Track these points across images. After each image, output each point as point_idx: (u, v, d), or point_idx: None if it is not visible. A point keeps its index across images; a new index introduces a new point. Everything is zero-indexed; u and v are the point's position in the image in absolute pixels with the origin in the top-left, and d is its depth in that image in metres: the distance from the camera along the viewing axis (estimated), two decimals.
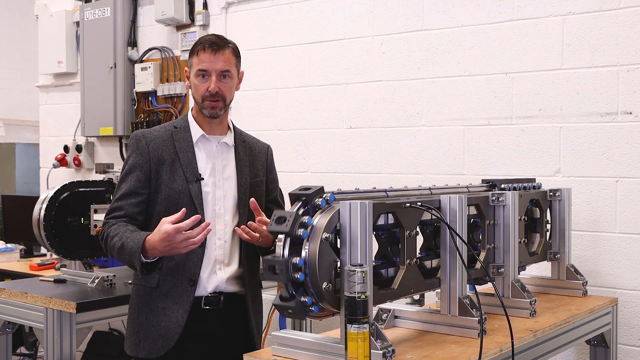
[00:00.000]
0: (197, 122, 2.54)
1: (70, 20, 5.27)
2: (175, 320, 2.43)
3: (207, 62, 2.45)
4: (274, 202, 2.71)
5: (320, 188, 1.88)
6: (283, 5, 4.21)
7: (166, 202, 2.45)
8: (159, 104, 4.84)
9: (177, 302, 2.44)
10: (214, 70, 2.45)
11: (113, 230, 2.39)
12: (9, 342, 3.43)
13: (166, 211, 2.43)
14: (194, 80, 2.49)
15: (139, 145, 2.48)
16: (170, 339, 2.42)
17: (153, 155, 2.46)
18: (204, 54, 2.45)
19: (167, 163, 2.46)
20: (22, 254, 5.06)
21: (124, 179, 2.48)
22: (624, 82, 3.11)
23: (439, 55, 3.63)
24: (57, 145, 5.35)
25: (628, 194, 3.10)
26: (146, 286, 2.48)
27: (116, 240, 2.35)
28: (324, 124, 4.05)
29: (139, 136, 2.51)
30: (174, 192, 2.45)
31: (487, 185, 2.63)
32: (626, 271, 3.11)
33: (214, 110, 2.48)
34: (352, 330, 1.70)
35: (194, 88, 2.50)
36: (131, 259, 2.31)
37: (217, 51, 2.45)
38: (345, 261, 1.84)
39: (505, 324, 2.08)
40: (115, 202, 2.47)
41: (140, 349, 2.47)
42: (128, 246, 2.31)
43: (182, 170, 2.46)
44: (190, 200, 2.45)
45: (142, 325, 2.48)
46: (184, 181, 2.46)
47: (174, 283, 2.45)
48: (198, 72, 2.46)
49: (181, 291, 2.44)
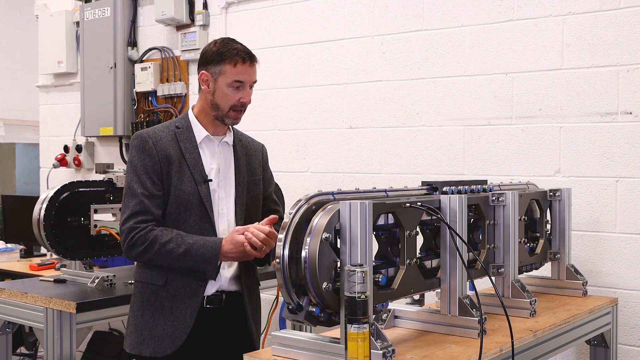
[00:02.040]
0: (201, 122, 2.54)
1: (70, 20, 5.27)
2: (183, 320, 2.42)
3: (245, 74, 2.46)
4: (269, 199, 2.73)
5: None
6: (283, 5, 4.21)
7: (176, 204, 2.44)
8: (159, 104, 4.84)
9: (185, 302, 2.43)
10: (249, 82, 2.49)
11: (159, 236, 2.37)
12: (9, 342, 3.43)
13: (176, 212, 2.44)
14: (224, 88, 2.46)
15: (146, 147, 2.44)
16: (178, 339, 2.42)
17: (162, 156, 2.44)
18: (242, 66, 2.46)
19: (175, 163, 2.44)
20: (22, 254, 5.06)
21: (139, 180, 2.42)
22: (624, 82, 3.11)
23: (439, 55, 3.63)
24: (57, 145, 5.35)
25: (628, 194, 3.10)
26: (153, 284, 2.47)
27: (173, 246, 2.36)
28: (324, 124, 4.05)
29: (144, 137, 2.46)
30: (184, 194, 2.44)
31: (427, 188, 2.36)
32: (626, 271, 3.11)
33: (237, 120, 2.52)
34: (352, 330, 1.70)
35: (223, 97, 2.46)
36: (203, 264, 2.36)
37: (252, 63, 2.49)
38: (345, 261, 1.84)
39: (505, 324, 2.08)
40: (137, 205, 2.40)
41: (144, 348, 2.46)
42: (198, 252, 2.36)
43: (189, 172, 2.45)
44: (200, 201, 2.45)
45: (146, 324, 2.46)
46: (192, 182, 2.45)
47: (183, 282, 2.44)
48: (234, 82, 2.45)
49: (190, 291, 2.44)
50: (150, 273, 2.47)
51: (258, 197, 2.63)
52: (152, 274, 2.47)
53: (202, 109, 2.54)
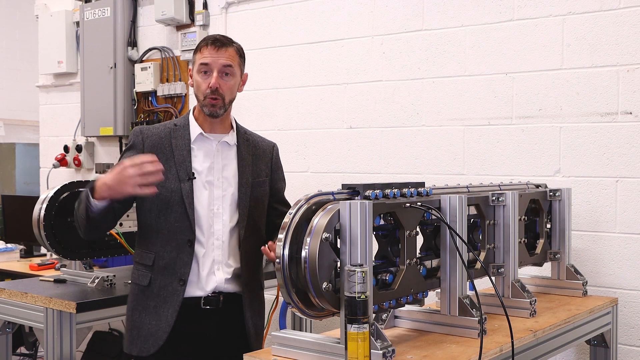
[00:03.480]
0: (197, 121, 2.54)
1: (70, 20, 5.27)
2: (165, 319, 2.43)
3: (210, 57, 2.45)
4: (281, 202, 2.71)
5: None
6: (283, 5, 4.21)
7: (157, 200, 2.44)
8: (159, 104, 4.84)
9: (167, 301, 2.44)
10: (216, 65, 2.45)
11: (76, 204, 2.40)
12: (9, 342, 3.43)
13: (157, 209, 2.44)
14: (196, 77, 2.48)
15: (136, 141, 2.49)
16: (160, 338, 2.42)
17: (148, 151, 2.43)
18: (206, 50, 2.46)
19: (162, 160, 2.41)
20: (22, 254, 5.06)
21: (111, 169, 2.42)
22: (624, 82, 3.11)
23: (439, 55, 3.63)
24: (57, 145, 5.35)
25: (628, 194, 3.10)
26: (140, 285, 2.49)
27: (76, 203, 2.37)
28: (324, 124, 4.05)
29: (137, 132, 2.51)
30: (166, 190, 2.43)
31: (348, 191, 2.05)
32: (626, 271, 3.11)
33: (214, 108, 2.47)
34: (352, 330, 1.70)
35: (196, 85, 2.48)
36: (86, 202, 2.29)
37: (220, 47, 2.46)
38: (345, 261, 1.84)
39: (505, 324, 2.08)
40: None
41: (133, 347, 2.48)
42: (83, 195, 2.32)
43: (175, 169, 2.46)
44: (181, 198, 2.44)
45: (135, 323, 2.49)
46: (176, 179, 2.45)
47: (164, 282, 2.45)
48: (200, 67, 2.46)
49: (171, 291, 2.44)
50: (138, 274, 2.51)
51: (262, 199, 2.62)
52: (139, 274, 2.49)
53: (198, 107, 2.55)
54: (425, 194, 2.16)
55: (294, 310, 1.90)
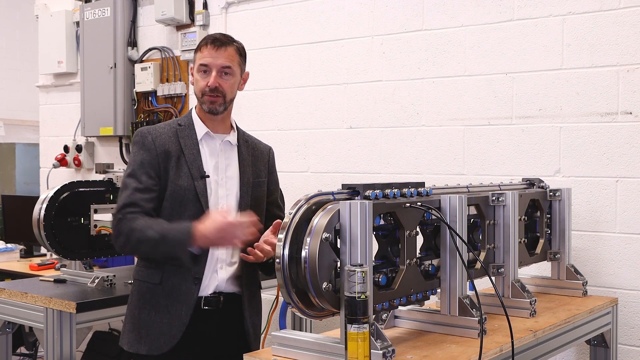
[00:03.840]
0: (201, 120, 2.55)
1: (70, 20, 5.27)
2: (178, 317, 2.42)
3: (209, 57, 2.46)
4: (274, 204, 2.71)
5: None
6: (283, 5, 4.21)
7: (171, 199, 2.44)
8: (159, 104, 4.84)
9: (180, 300, 2.43)
10: (214, 65, 2.46)
11: (141, 224, 2.33)
12: (9, 342, 3.43)
13: (171, 207, 2.43)
14: (195, 75, 2.51)
15: (145, 142, 2.47)
16: (174, 336, 2.42)
17: (160, 151, 2.45)
18: (206, 49, 2.48)
19: (173, 159, 2.45)
20: (22, 254, 5.06)
21: (133, 174, 2.42)
22: (624, 82, 3.11)
23: (439, 55, 3.63)
24: (57, 145, 5.35)
25: (628, 194, 3.10)
26: (149, 283, 2.47)
27: (152, 233, 2.31)
28: (324, 124, 4.05)
29: (144, 133, 2.49)
30: (180, 189, 2.44)
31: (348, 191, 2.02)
32: (626, 271, 3.11)
33: (213, 105, 2.48)
34: (352, 330, 1.70)
35: (195, 83, 2.51)
36: (177, 248, 2.29)
37: (219, 47, 2.47)
38: (345, 261, 1.84)
39: (505, 324, 2.08)
40: (127, 197, 2.39)
41: (141, 346, 2.46)
42: (172, 236, 2.29)
43: (187, 167, 2.46)
44: (196, 197, 2.44)
45: (143, 321, 2.47)
46: (189, 178, 2.45)
47: (178, 281, 2.44)
48: (200, 67, 2.48)
49: (185, 289, 2.43)
50: (147, 272, 2.48)
51: (262, 199, 2.63)
52: (149, 272, 2.47)
53: (199, 106, 2.56)
54: (425, 194, 2.17)
55: (294, 310, 1.90)
